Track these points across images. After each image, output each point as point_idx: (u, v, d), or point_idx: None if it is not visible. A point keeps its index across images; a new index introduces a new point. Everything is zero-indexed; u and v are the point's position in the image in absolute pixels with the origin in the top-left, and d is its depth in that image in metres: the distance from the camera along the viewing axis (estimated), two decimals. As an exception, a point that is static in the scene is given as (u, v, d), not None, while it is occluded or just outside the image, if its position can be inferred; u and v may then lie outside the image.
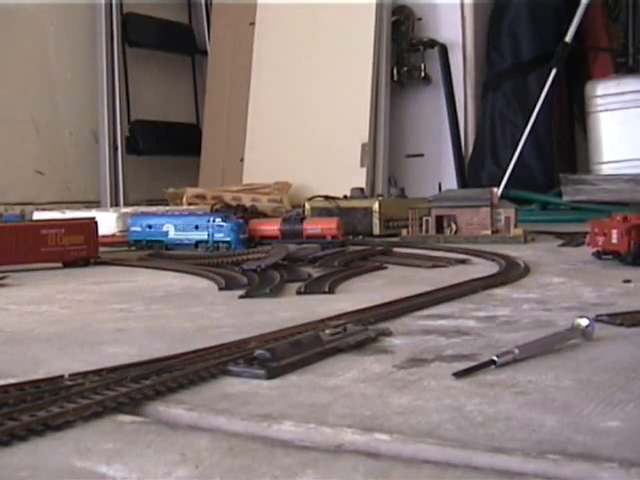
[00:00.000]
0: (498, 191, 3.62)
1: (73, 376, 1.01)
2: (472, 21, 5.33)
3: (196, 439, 0.83)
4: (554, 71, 4.87)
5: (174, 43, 6.18)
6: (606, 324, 1.37)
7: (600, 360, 1.13)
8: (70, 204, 4.93)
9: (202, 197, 4.54)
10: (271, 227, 3.24)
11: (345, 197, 3.91)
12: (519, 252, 2.67)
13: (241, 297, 1.85)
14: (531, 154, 5.10)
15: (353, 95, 4.97)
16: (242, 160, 5.39)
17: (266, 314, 1.61)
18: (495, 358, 1.07)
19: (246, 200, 4.45)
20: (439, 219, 3.41)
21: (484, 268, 2.34)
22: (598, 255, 2.35)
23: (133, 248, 3.24)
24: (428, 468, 0.74)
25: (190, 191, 4.61)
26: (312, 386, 1.01)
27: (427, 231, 3.41)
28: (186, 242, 3.14)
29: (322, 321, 1.38)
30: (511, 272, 2.17)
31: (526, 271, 2.20)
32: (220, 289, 2.02)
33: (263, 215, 3.97)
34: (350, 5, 5.00)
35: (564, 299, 1.72)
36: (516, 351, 1.10)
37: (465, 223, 3.36)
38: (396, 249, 2.95)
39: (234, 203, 4.26)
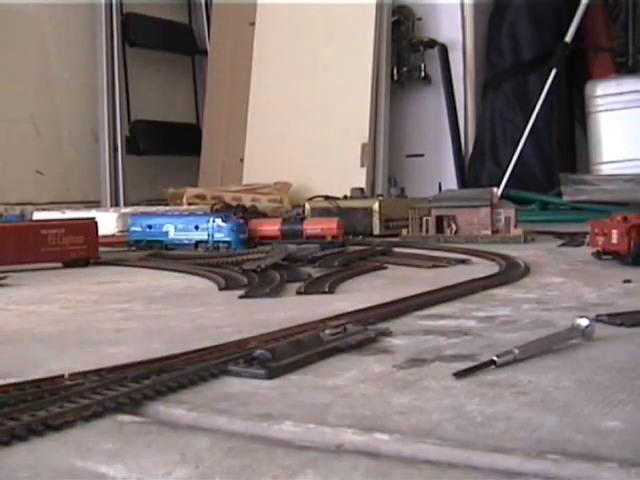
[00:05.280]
0: (498, 191, 3.62)
1: (73, 376, 1.01)
2: (472, 21, 5.33)
3: (196, 439, 0.83)
4: (554, 71, 4.87)
5: (174, 43, 6.18)
6: (606, 324, 1.37)
7: (600, 360, 1.13)
8: (70, 204, 4.92)
9: (202, 197, 4.54)
10: (271, 227, 3.24)
11: (345, 197, 3.91)
12: (519, 252, 2.67)
13: (241, 297, 1.85)
14: (531, 154, 5.10)
15: (353, 95, 4.98)
16: (242, 160, 5.39)
17: (266, 314, 1.61)
18: (495, 358, 1.07)
19: (246, 200, 4.45)
20: (439, 219, 3.41)
21: (484, 268, 2.34)
22: (598, 255, 2.35)
23: (133, 248, 3.24)
24: (428, 468, 0.73)
25: (190, 191, 4.61)
26: (312, 386, 1.01)
27: (427, 231, 3.41)
28: (186, 242, 3.14)
29: (322, 321, 1.38)
30: (511, 272, 2.17)
31: (526, 271, 2.20)
32: (220, 289, 2.02)
33: (263, 215, 3.97)
34: (350, 5, 5.00)
35: (564, 299, 1.72)
36: (516, 351, 1.10)
37: (465, 223, 3.36)
38: (396, 249, 2.95)
39: (234, 203, 4.26)
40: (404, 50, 5.35)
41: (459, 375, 1.03)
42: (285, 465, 0.74)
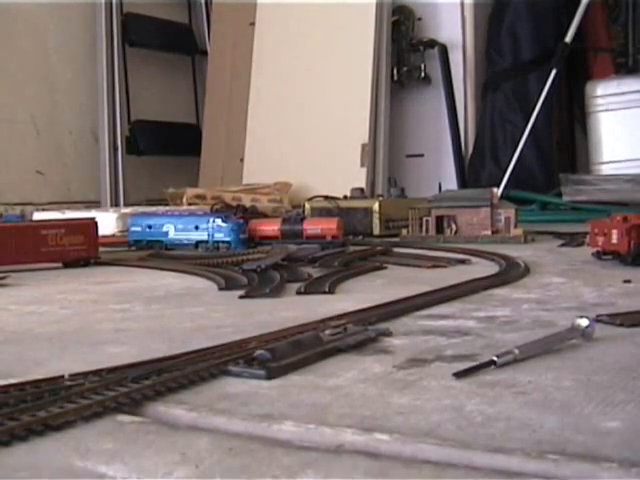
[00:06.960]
0: (498, 191, 3.62)
1: (73, 376, 1.01)
2: (472, 21, 5.33)
3: (196, 439, 0.83)
4: (554, 71, 4.87)
5: (174, 43, 6.18)
6: (606, 324, 1.37)
7: (600, 360, 1.13)
8: (70, 204, 4.92)
9: (202, 197, 4.54)
10: (271, 227, 3.24)
11: (345, 197, 3.91)
12: (519, 252, 2.67)
13: (241, 297, 1.85)
14: (531, 154, 5.10)
15: (353, 95, 4.98)
16: (242, 160, 5.39)
17: (266, 314, 1.61)
18: (495, 358, 1.07)
19: (246, 200, 4.45)
20: (439, 219, 3.41)
21: (484, 268, 2.34)
22: (598, 255, 2.36)
23: (133, 248, 3.24)
24: (428, 468, 0.74)
25: (190, 191, 4.61)
26: (312, 386, 1.01)
27: (427, 231, 3.41)
28: (186, 242, 3.14)
29: (322, 321, 1.38)
30: (511, 272, 2.17)
31: (526, 271, 2.20)
32: (220, 289, 2.02)
33: (263, 215, 3.97)
34: (350, 5, 5.00)
35: (564, 299, 1.72)
36: (516, 351, 1.10)
37: (465, 223, 3.36)
38: (396, 249, 2.95)
39: (234, 203, 4.26)
40: (404, 50, 5.35)
41: (459, 375, 1.03)
42: (285, 465, 0.75)
